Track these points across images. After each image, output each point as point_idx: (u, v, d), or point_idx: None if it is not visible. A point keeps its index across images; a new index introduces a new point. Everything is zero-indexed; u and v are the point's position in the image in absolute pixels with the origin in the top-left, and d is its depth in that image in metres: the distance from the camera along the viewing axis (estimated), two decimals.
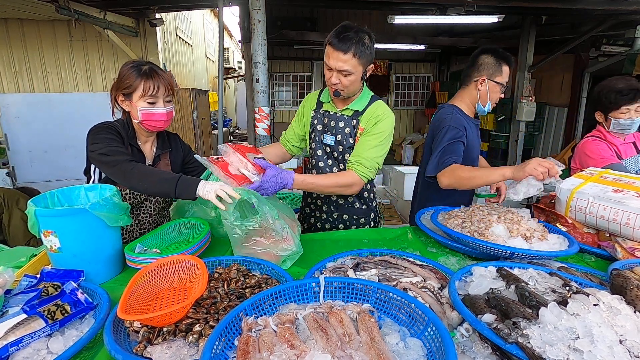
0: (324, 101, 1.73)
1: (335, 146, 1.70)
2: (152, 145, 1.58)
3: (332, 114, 1.69)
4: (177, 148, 1.66)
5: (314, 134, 1.75)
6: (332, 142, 1.70)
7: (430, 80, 10.23)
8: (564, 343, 0.73)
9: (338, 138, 1.68)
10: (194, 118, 5.22)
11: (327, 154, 1.75)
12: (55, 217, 1.16)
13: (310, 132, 1.77)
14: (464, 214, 1.49)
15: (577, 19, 5.65)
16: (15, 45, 5.83)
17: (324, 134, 1.71)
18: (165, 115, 1.44)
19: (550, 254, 1.21)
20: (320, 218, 1.86)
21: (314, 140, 1.76)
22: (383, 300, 0.93)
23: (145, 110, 1.41)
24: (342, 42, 1.42)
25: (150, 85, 1.39)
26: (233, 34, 14.52)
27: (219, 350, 0.76)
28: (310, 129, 1.77)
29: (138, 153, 1.51)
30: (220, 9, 4.38)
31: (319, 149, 1.75)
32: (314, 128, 1.74)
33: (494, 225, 1.33)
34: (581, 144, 2.01)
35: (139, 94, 1.39)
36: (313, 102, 1.77)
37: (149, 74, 1.39)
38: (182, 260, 1.12)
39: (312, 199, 1.88)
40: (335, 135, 1.68)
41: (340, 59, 1.44)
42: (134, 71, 1.39)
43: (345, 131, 1.66)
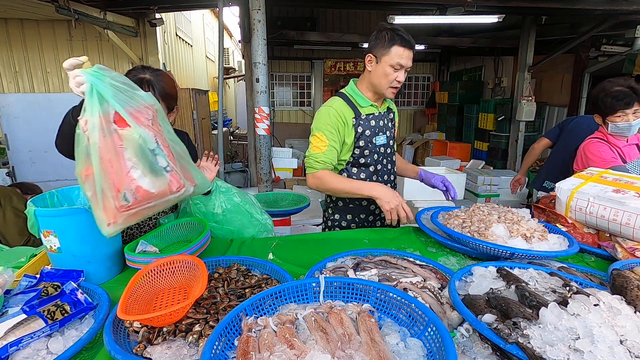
0: (364, 105, 1.71)
1: (387, 143, 1.80)
2: None
3: (377, 115, 1.75)
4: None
5: (362, 141, 1.71)
6: (385, 141, 1.78)
7: (430, 80, 10.22)
8: (564, 343, 0.73)
9: (388, 134, 1.80)
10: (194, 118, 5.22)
11: (382, 155, 1.79)
12: (55, 217, 1.16)
13: (356, 141, 1.71)
14: (464, 214, 1.49)
15: (577, 19, 5.64)
16: (15, 45, 5.83)
17: (376, 137, 1.73)
18: None
19: (550, 254, 1.21)
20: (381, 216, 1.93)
21: (365, 148, 1.72)
22: (383, 300, 0.93)
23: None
24: (410, 41, 1.58)
25: None
26: (233, 34, 14.52)
27: (219, 350, 0.75)
28: (354, 138, 1.70)
29: None
30: (220, 9, 4.38)
31: (374, 154, 1.75)
32: (361, 135, 1.70)
33: (494, 225, 1.33)
34: (583, 145, 2.01)
35: None
36: (348, 111, 1.68)
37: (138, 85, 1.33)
38: (182, 260, 1.12)
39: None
40: (386, 132, 1.78)
41: (410, 57, 1.61)
42: (132, 74, 1.35)
43: (389, 126, 1.81)
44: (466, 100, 8.41)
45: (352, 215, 1.85)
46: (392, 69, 1.60)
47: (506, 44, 6.97)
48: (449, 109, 8.95)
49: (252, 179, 6.24)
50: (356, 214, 1.85)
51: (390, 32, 1.57)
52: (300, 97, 9.77)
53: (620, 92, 1.85)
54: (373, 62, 1.63)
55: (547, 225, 1.46)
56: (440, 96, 9.38)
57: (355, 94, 1.71)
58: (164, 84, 1.38)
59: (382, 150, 1.78)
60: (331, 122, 1.65)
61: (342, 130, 1.67)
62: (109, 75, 0.91)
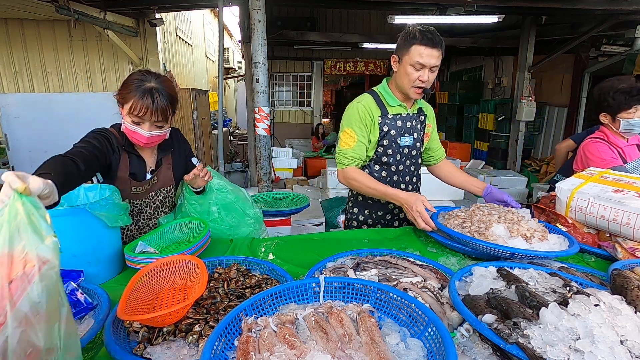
0: (392, 105, 1.71)
1: (413, 145, 1.78)
2: (154, 150, 1.55)
3: (404, 115, 1.74)
4: (179, 146, 1.64)
5: (386, 140, 1.72)
6: (411, 142, 1.76)
7: None
8: (564, 343, 0.73)
9: (415, 136, 1.77)
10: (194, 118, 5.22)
11: (405, 156, 1.78)
12: (55, 217, 1.15)
13: (380, 140, 1.72)
14: (464, 214, 1.49)
15: (577, 19, 5.64)
16: (15, 45, 5.83)
17: (401, 137, 1.73)
18: (146, 138, 1.38)
19: (550, 254, 1.21)
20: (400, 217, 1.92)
21: (389, 147, 1.73)
22: (383, 300, 0.92)
23: (129, 126, 1.37)
24: (432, 39, 1.53)
25: (141, 107, 1.32)
26: (233, 34, 14.52)
27: (219, 350, 0.75)
28: (379, 136, 1.71)
29: (137, 159, 1.49)
30: (220, 9, 4.38)
31: (397, 154, 1.75)
32: (386, 134, 1.71)
33: (494, 225, 1.33)
34: (583, 146, 2.01)
35: (128, 108, 1.34)
36: (376, 108, 1.71)
37: (148, 95, 1.31)
38: (182, 260, 1.12)
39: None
40: (413, 134, 1.76)
41: (434, 55, 1.55)
42: (135, 83, 1.33)
43: (418, 128, 1.78)
44: (466, 100, 8.42)
45: (370, 211, 1.86)
46: (412, 69, 1.58)
47: (506, 44, 6.97)
48: (449, 109, 8.96)
49: (252, 179, 6.24)
50: (374, 210, 1.86)
51: (412, 32, 1.56)
52: (300, 97, 9.77)
53: (633, 88, 1.84)
54: (397, 63, 1.65)
55: (548, 225, 1.46)
56: (440, 96, 9.38)
57: (385, 93, 1.73)
58: (169, 90, 1.38)
59: (406, 152, 1.77)
60: (360, 118, 1.68)
61: (369, 126, 1.70)
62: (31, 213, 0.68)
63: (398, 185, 1.82)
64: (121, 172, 1.45)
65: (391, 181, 1.80)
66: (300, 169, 6.59)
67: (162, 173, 1.57)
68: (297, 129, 9.54)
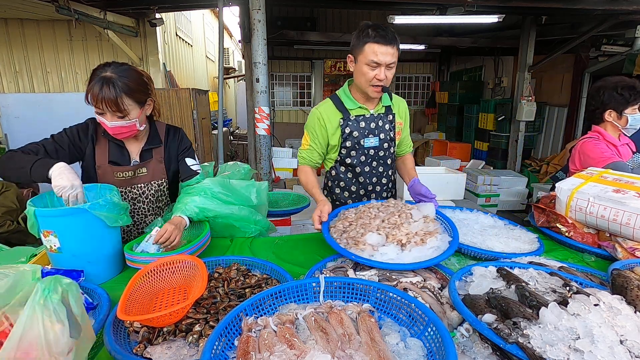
0: (351, 107, 1.70)
1: (380, 146, 1.74)
2: (140, 142, 1.54)
3: (368, 116, 1.71)
4: (173, 143, 1.60)
5: (348, 142, 1.71)
6: (376, 143, 1.73)
7: (430, 80, 10.22)
8: (564, 343, 0.73)
9: (382, 137, 1.73)
10: (194, 118, 5.21)
11: (371, 157, 1.76)
12: (55, 217, 1.16)
13: (343, 142, 1.72)
14: (353, 215, 1.43)
15: (577, 19, 5.64)
16: (15, 45, 5.83)
17: (365, 139, 1.71)
18: (110, 129, 1.36)
19: (407, 266, 1.14)
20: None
21: (352, 149, 1.72)
22: (383, 300, 0.93)
23: (97, 116, 1.38)
24: (385, 36, 1.50)
25: (92, 96, 1.31)
26: (233, 34, 14.51)
27: (219, 350, 0.75)
28: (341, 138, 1.71)
29: (118, 148, 1.49)
30: (220, 9, 4.38)
31: (361, 156, 1.74)
32: (348, 136, 1.70)
33: (368, 234, 1.26)
34: (579, 145, 2.01)
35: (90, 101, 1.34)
36: (335, 111, 1.70)
37: (98, 83, 1.30)
38: (182, 260, 1.12)
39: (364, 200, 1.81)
40: (378, 135, 1.73)
41: (388, 52, 1.51)
42: (94, 75, 1.33)
43: (385, 128, 1.74)
44: (466, 100, 8.41)
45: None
46: (368, 68, 1.54)
47: (506, 44, 6.97)
48: (449, 109, 8.95)
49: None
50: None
51: (365, 30, 1.52)
52: (300, 97, 9.76)
53: (635, 83, 1.87)
54: (352, 63, 1.62)
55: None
56: (440, 96, 9.38)
57: (345, 96, 1.72)
58: (127, 80, 1.34)
59: (372, 153, 1.74)
60: (313, 124, 1.73)
61: (322, 132, 1.72)
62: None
63: (365, 187, 1.79)
64: (100, 160, 1.46)
65: (357, 182, 1.79)
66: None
67: (152, 165, 1.55)
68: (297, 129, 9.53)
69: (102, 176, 1.47)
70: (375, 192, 1.83)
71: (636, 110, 1.90)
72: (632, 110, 1.90)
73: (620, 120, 1.93)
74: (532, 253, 1.32)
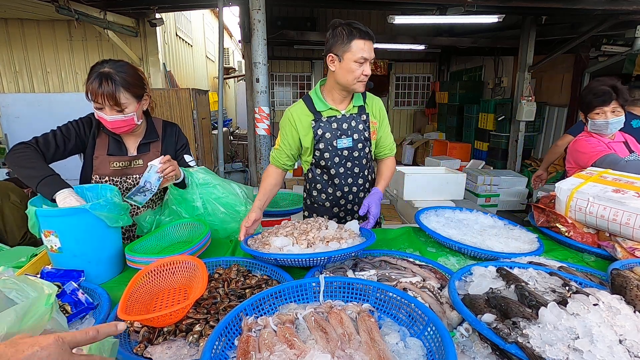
0: (322, 109, 1.68)
1: (354, 146, 1.72)
2: (138, 137, 1.60)
3: (340, 117, 1.68)
4: (170, 138, 1.67)
5: (321, 144, 1.69)
6: (350, 144, 1.71)
7: (430, 80, 10.22)
8: (563, 343, 0.73)
9: (355, 137, 1.71)
10: (194, 118, 5.21)
11: (345, 158, 1.73)
12: (56, 217, 1.16)
13: (316, 143, 1.70)
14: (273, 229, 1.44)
15: (577, 19, 5.64)
16: (15, 45, 5.83)
17: (337, 140, 1.69)
18: (109, 123, 1.42)
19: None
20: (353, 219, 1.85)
21: (326, 150, 1.71)
22: (383, 300, 0.93)
23: (96, 112, 1.43)
24: (367, 32, 1.53)
25: (91, 91, 1.37)
26: (233, 34, 14.51)
27: (219, 350, 0.76)
28: (314, 140, 1.70)
29: (116, 143, 1.54)
30: (220, 9, 4.38)
31: (334, 157, 1.72)
32: (321, 138, 1.69)
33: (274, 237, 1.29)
34: (572, 144, 2.07)
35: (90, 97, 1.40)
36: (305, 113, 1.69)
37: (97, 78, 1.36)
38: (183, 260, 1.13)
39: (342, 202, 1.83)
40: (352, 135, 1.70)
41: (372, 48, 1.55)
42: (93, 71, 1.38)
43: (359, 128, 1.71)
44: (466, 100, 8.41)
45: (317, 214, 1.83)
46: (356, 64, 1.54)
47: (506, 44, 6.97)
48: (449, 109, 8.95)
49: (252, 179, 6.24)
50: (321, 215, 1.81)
51: (347, 28, 1.52)
52: (300, 97, 9.74)
53: (600, 90, 1.92)
54: (335, 61, 1.58)
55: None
56: (440, 96, 9.37)
57: (316, 97, 1.70)
58: (124, 75, 1.40)
59: (346, 154, 1.72)
60: (284, 124, 1.74)
61: (292, 133, 1.71)
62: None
63: (340, 188, 1.77)
64: (98, 152, 1.53)
65: (333, 184, 1.77)
66: (300, 169, 6.54)
67: (149, 158, 1.57)
68: None
69: (98, 166, 1.52)
70: (352, 194, 1.80)
71: (596, 115, 1.94)
72: (593, 115, 1.96)
73: (587, 123, 2.01)
74: (532, 253, 1.33)
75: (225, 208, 1.62)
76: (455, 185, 3.57)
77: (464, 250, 1.38)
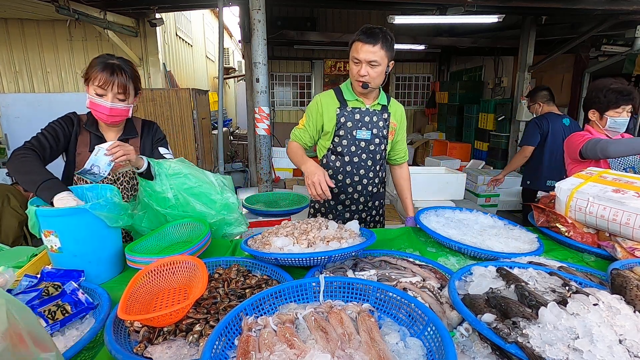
0: (349, 99, 1.80)
1: (371, 140, 1.83)
2: (117, 133, 1.64)
3: (363, 110, 1.81)
4: (148, 135, 1.72)
5: (342, 131, 1.81)
6: (369, 137, 1.82)
7: (430, 80, 10.22)
8: (563, 343, 0.73)
9: (374, 132, 1.82)
10: (194, 118, 5.21)
11: (361, 149, 1.84)
12: (56, 217, 1.16)
13: (337, 130, 1.82)
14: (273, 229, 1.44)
15: (577, 19, 5.64)
16: (15, 45, 5.83)
17: (357, 130, 1.80)
18: (108, 109, 1.48)
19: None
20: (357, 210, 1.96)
21: (344, 138, 1.82)
22: (383, 300, 0.93)
23: (92, 98, 1.48)
24: (370, 36, 1.60)
25: (103, 78, 1.44)
26: (233, 34, 14.51)
27: (219, 350, 0.76)
28: (336, 127, 1.82)
29: (98, 139, 1.58)
30: (220, 9, 4.38)
31: (352, 146, 1.83)
32: (342, 125, 1.80)
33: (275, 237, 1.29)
34: (567, 140, 2.11)
35: (94, 83, 1.45)
36: (334, 100, 1.82)
37: (108, 68, 1.45)
38: (183, 260, 1.13)
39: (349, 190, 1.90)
40: (371, 129, 1.82)
41: (369, 50, 1.61)
42: (100, 62, 1.46)
43: (379, 125, 1.83)
44: (466, 100, 8.41)
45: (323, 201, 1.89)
46: (353, 63, 1.68)
47: (506, 44, 6.96)
48: (449, 109, 8.95)
49: (252, 179, 6.24)
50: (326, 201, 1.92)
51: (362, 29, 1.64)
52: (300, 97, 9.76)
53: (625, 88, 1.93)
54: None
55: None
56: (440, 96, 9.37)
57: (346, 88, 1.83)
58: (131, 69, 1.53)
59: (363, 145, 1.83)
60: (312, 108, 1.86)
61: (317, 116, 1.83)
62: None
63: (351, 176, 1.87)
64: (81, 149, 1.57)
65: (344, 171, 1.86)
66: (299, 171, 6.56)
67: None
68: None
69: (80, 163, 1.55)
70: (361, 184, 1.89)
71: (618, 113, 1.95)
72: (613, 113, 1.96)
73: (601, 121, 1.99)
74: (532, 253, 1.33)
75: (202, 198, 1.56)
76: (455, 185, 3.57)
77: (464, 250, 1.38)
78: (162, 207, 1.52)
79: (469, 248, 1.35)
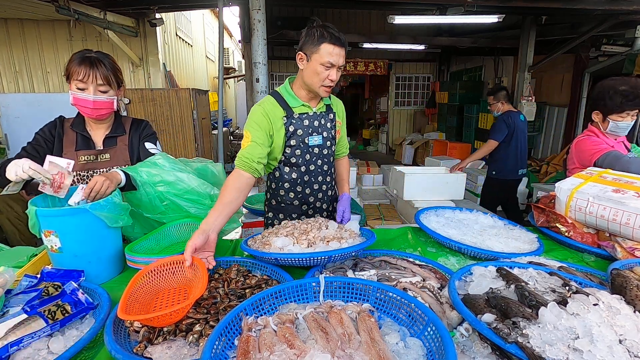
0: (294, 105, 1.66)
1: (324, 144, 1.73)
2: (105, 131, 1.63)
3: (311, 114, 1.68)
4: (136, 132, 1.69)
5: (293, 140, 1.66)
6: (321, 141, 1.71)
7: (430, 80, 10.23)
8: (563, 343, 0.73)
9: (324, 135, 1.72)
10: (194, 118, 5.21)
11: (316, 156, 1.72)
12: (56, 217, 1.16)
13: (287, 140, 1.66)
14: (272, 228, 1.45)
15: (577, 19, 5.64)
16: (15, 45, 5.83)
17: (309, 137, 1.68)
18: (91, 102, 1.47)
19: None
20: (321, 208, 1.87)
21: (297, 147, 1.68)
22: (383, 300, 0.93)
23: (75, 94, 1.47)
24: (339, 39, 1.52)
25: (82, 71, 1.43)
26: (233, 34, 14.51)
27: (219, 350, 0.76)
28: (285, 136, 1.65)
29: (84, 139, 1.59)
30: (220, 9, 4.38)
31: (305, 154, 1.70)
32: (292, 134, 1.66)
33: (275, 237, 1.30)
34: (575, 144, 2.05)
35: (75, 78, 1.45)
36: (278, 109, 1.64)
37: (86, 61, 1.44)
38: (183, 260, 1.13)
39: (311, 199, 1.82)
40: (322, 133, 1.71)
41: (342, 55, 1.54)
42: (78, 57, 1.46)
43: (327, 127, 1.73)
44: (466, 100, 8.42)
45: (283, 214, 1.83)
46: (322, 68, 1.52)
47: (506, 44, 6.97)
48: (449, 109, 8.95)
49: None
50: (288, 214, 1.82)
51: (319, 30, 1.51)
52: None
53: (632, 92, 1.86)
54: (304, 60, 1.57)
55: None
56: (440, 96, 9.38)
57: (287, 93, 1.68)
58: (110, 61, 1.52)
59: (317, 151, 1.72)
60: (256, 119, 1.62)
61: (267, 128, 1.61)
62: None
63: (310, 185, 1.77)
64: (67, 148, 1.57)
65: (302, 182, 1.74)
66: None
67: (115, 152, 1.61)
68: None
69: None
70: (321, 191, 1.80)
71: (621, 118, 1.90)
72: (617, 117, 1.91)
73: (604, 123, 1.96)
74: (532, 253, 1.33)
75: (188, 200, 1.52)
76: (455, 185, 3.57)
77: (464, 250, 1.38)
78: (153, 213, 1.51)
79: (469, 248, 1.35)
